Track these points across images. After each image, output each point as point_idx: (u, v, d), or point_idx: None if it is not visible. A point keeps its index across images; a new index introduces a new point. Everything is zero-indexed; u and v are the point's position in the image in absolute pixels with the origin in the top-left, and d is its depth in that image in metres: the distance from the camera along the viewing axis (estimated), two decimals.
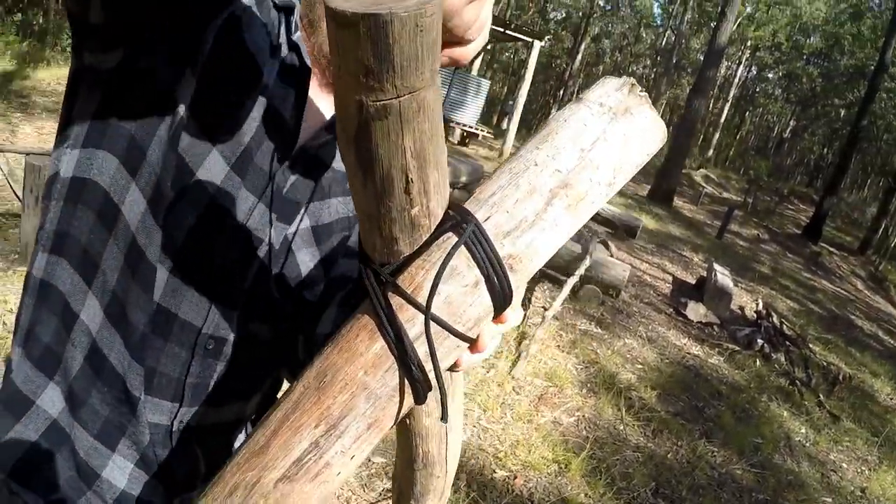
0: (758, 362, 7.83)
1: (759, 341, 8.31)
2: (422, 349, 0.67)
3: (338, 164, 1.15)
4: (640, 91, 0.75)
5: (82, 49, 0.97)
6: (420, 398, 0.70)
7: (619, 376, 6.11)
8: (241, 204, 1.01)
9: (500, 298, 0.69)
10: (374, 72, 0.53)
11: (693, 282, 10.64)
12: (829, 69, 40.87)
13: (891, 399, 8.62)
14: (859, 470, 6.11)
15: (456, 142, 19.02)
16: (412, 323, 0.66)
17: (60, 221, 1.00)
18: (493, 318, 0.72)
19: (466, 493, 3.86)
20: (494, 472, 4.18)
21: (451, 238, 0.68)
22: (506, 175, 0.71)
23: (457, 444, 0.99)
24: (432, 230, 0.68)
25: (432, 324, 0.66)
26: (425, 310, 0.66)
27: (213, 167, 0.97)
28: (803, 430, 6.51)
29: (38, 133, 7.83)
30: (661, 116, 0.76)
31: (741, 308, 9.92)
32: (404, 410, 0.70)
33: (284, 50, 1.04)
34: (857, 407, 7.68)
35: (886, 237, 23.83)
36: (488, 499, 3.90)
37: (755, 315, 9.46)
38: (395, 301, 0.67)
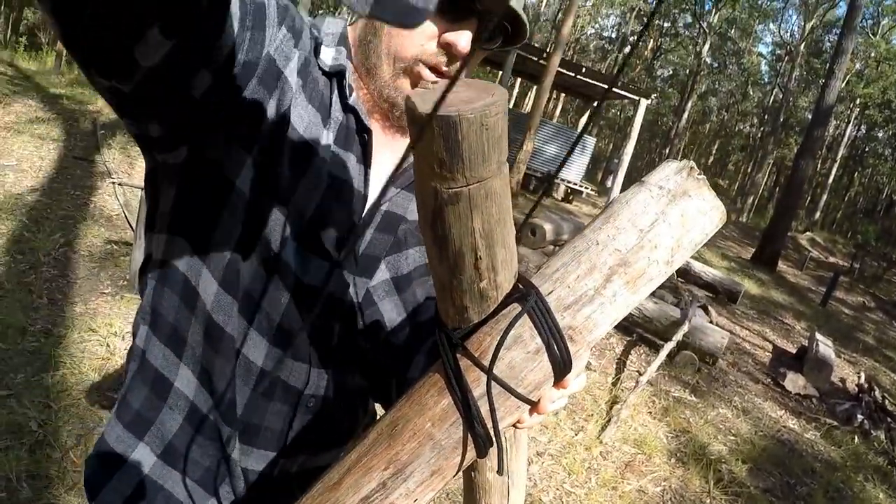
0: (856, 439, 7.61)
1: (860, 417, 8.07)
2: (485, 408, 0.74)
3: (411, 214, 1.22)
4: (699, 174, 0.82)
5: (151, 150, 1.05)
6: (481, 452, 0.76)
7: (710, 447, 6.06)
8: (315, 272, 1.08)
9: (560, 365, 0.77)
10: (446, 163, 0.63)
11: (793, 351, 10.42)
12: None
13: None
14: None
15: (560, 198, 19.08)
16: (477, 383, 0.74)
17: (154, 299, 1.13)
18: (554, 383, 0.79)
19: None
20: None
21: (516, 308, 0.76)
22: (569, 253, 0.79)
23: (518, 500, 1.04)
24: (499, 301, 0.77)
25: (494, 385, 0.74)
26: (488, 370, 0.73)
27: (281, 242, 1.05)
28: None
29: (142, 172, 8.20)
30: (767, 178, 0.82)
31: (842, 380, 9.65)
32: (466, 462, 0.77)
33: (339, 115, 1.10)
34: None
35: None
36: None
37: (856, 388, 9.18)
38: (464, 363, 0.75)
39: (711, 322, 9.06)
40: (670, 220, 0.78)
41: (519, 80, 34.63)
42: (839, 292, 17.73)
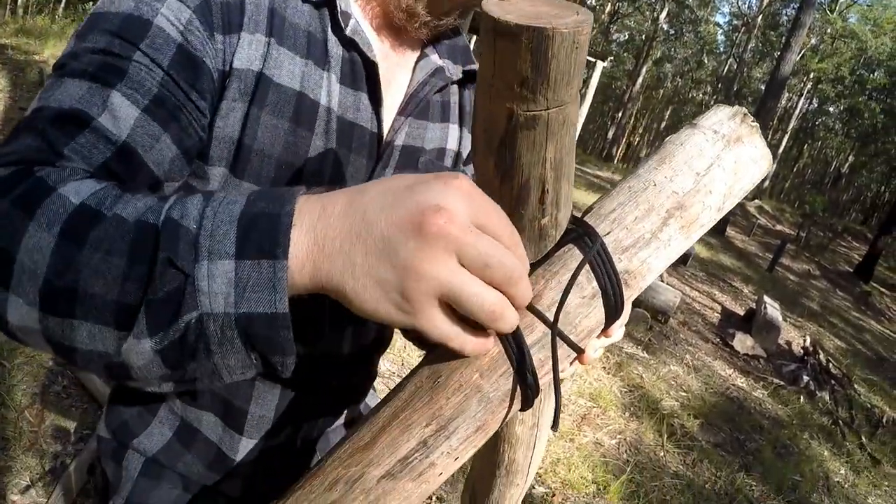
0: (801, 399, 7.77)
1: (805, 378, 8.24)
2: (536, 356, 0.68)
3: (429, 143, 1.15)
4: (752, 121, 0.79)
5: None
6: (528, 404, 0.70)
7: (662, 402, 6.14)
8: None
9: (613, 312, 0.72)
10: (529, 83, 0.56)
11: (742, 313, 10.58)
12: (892, 105, 40.19)
13: None
14: None
15: None
16: (530, 330, 0.68)
17: None
18: (602, 330, 0.74)
19: None
20: (533, 488, 4.22)
21: (572, 250, 0.71)
22: (625, 192, 0.74)
23: (541, 454, 1.00)
24: (556, 240, 0.72)
25: (549, 332, 0.68)
26: (552, 323, 0.67)
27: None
28: (843, 472, 6.45)
29: None
30: None
31: (788, 343, 9.84)
32: (511, 415, 0.71)
33: (338, 49, 0.99)
34: None
35: None
36: None
37: (802, 351, 9.38)
38: None
39: (663, 281, 9.15)
40: (724, 165, 0.76)
41: (474, 37, 34.40)
42: (786, 259, 18.04)
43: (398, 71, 1.07)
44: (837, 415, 7.73)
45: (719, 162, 0.75)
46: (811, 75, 42.36)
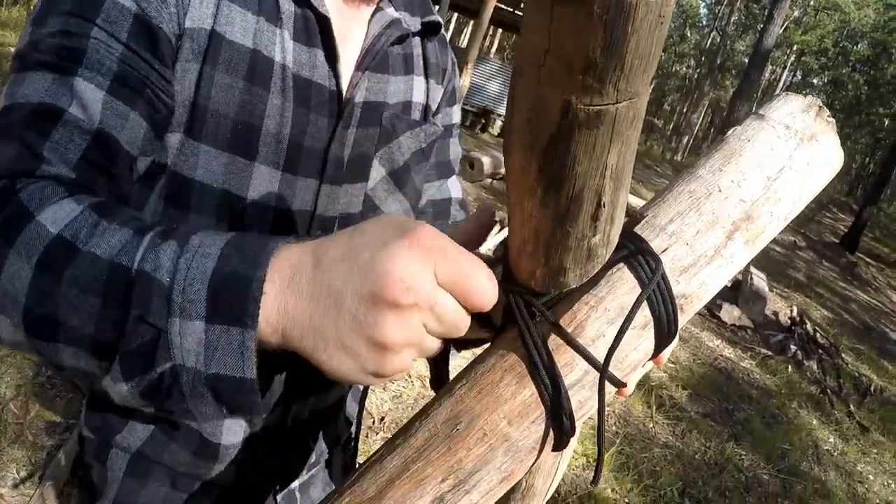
0: (790, 369, 7.77)
1: (792, 348, 8.26)
2: (575, 398, 0.60)
3: (392, 97, 1.09)
4: (828, 116, 0.70)
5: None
6: (562, 447, 0.62)
7: (650, 374, 6.10)
8: (302, 195, 0.99)
9: (664, 341, 0.63)
10: (597, 68, 0.41)
11: (728, 284, 10.57)
12: (875, 77, 40.27)
13: None
14: (886, 483, 6.05)
15: (496, 133, 18.97)
16: (570, 368, 0.60)
17: None
18: (650, 358, 0.66)
19: None
20: None
21: (622, 270, 0.61)
22: (685, 198, 0.64)
23: (560, 477, 0.91)
24: (606, 261, 0.61)
25: (591, 370, 0.59)
26: (602, 367, 0.58)
27: (259, 181, 0.95)
28: (832, 440, 6.45)
29: None
30: (703, 119, 0.70)
31: (775, 314, 9.84)
32: (539, 461, 0.63)
33: (289, 6, 0.95)
34: (887, 420, 7.58)
35: None
36: None
37: (789, 321, 9.38)
38: (553, 342, 0.60)
39: None
40: (797, 167, 0.66)
41: (455, 15, 34.17)
42: None
43: (353, 26, 1.03)
44: (825, 384, 7.74)
45: (791, 164, 0.66)
46: (794, 48, 42.42)
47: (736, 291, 9.61)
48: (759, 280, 9.59)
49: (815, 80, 48.12)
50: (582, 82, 0.42)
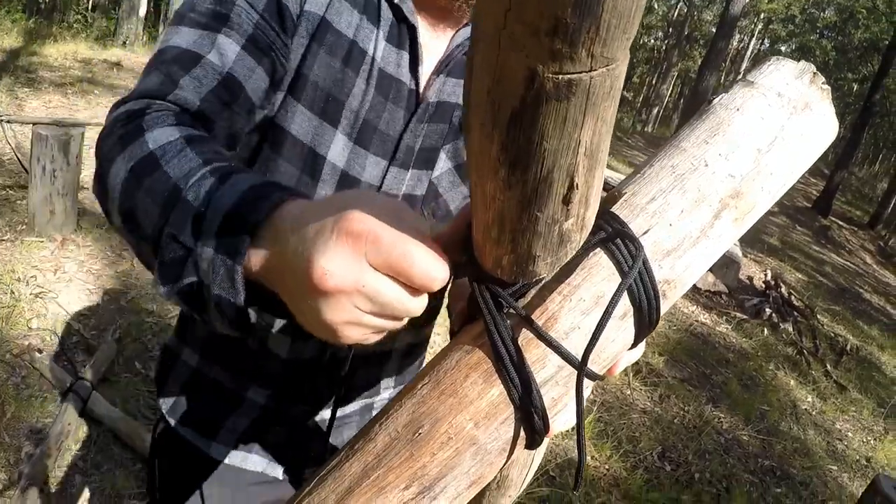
0: (765, 331, 7.78)
1: (767, 311, 8.26)
2: (548, 396, 0.55)
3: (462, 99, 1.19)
4: (823, 83, 0.63)
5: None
6: (534, 445, 0.58)
7: None
8: (371, 170, 1.14)
9: (645, 331, 0.57)
10: (567, 29, 0.34)
11: None
12: (842, 43, 40.45)
13: None
14: (865, 440, 6.08)
15: None
16: (542, 364, 0.54)
17: None
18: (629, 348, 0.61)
19: None
20: None
21: (598, 256, 0.54)
22: (668, 174, 0.57)
23: (536, 466, 0.86)
24: (580, 246, 0.55)
25: (566, 366, 0.53)
26: (579, 364, 0.52)
27: (336, 146, 1.10)
28: (810, 399, 6.47)
29: (46, 106, 7.74)
30: (672, 90, 0.63)
31: (749, 278, 9.85)
32: (510, 462, 0.58)
33: (388, 13, 1.10)
34: (864, 378, 7.64)
35: None
36: None
37: (763, 285, 9.39)
38: (523, 336, 0.54)
39: None
40: (790, 138, 0.59)
41: None
42: None
43: (438, 42, 1.16)
44: (801, 345, 7.76)
45: (784, 134, 0.59)
46: (762, 16, 42.41)
47: None
48: (732, 245, 9.56)
49: (782, 48, 48.22)
50: (549, 47, 0.35)
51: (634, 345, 0.59)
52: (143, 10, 14.06)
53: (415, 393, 0.56)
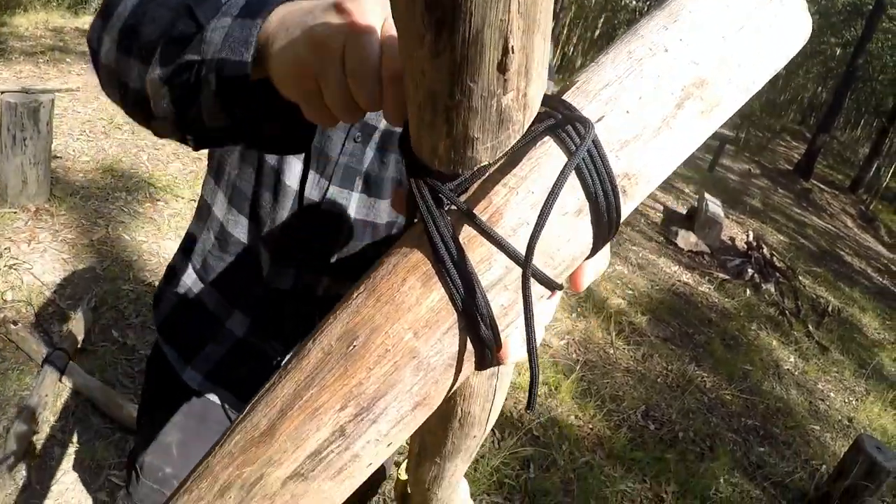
0: (747, 292, 7.79)
1: (749, 271, 8.27)
2: (496, 302, 0.49)
3: None
4: None
5: None
6: (485, 364, 0.52)
7: (609, 301, 6.06)
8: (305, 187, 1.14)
9: (605, 232, 0.50)
10: None
11: (684, 211, 10.55)
12: (826, 7, 40.40)
13: (878, 333, 8.60)
14: (847, 400, 6.12)
15: None
16: (487, 264, 0.48)
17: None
18: (589, 255, 0.53)
19: None
20: None
21: (547, 144, 0.48)
22: (624, 59, 0.51)
23: (501, 403, 0.80)
24: (525, 129, 0.49)
25: (515, 267, 0.47)
26: (524, 261, 0.46)
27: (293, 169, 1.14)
28: (792, 360, 6.50)
29: (17, 77, 7.59)
30: None
31: (731, 239, 9.86)
32: (460, 381, 0.53)
33: None
34: (845, 339, 7.67)
35: (878, 177, 23.76)
36: None
37: (745, 246, 9.40)
38: (465, 234, 0.48)
39: None
40: (758, 28, 0.53)
41: None
42: (726, 160, 18.08)
43: None
44: (783, 305, 7.78)
45: (750, 24, 0.53)
46: None
47: (691, 219, 9.61)
48: (715, 206, 9.58)
49: None
50: None
51: (595, 249, 0.52)
52: None
53: (350, 303, 0.50)
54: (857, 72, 22.87)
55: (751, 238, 9.78)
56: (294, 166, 1.14)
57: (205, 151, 1.17)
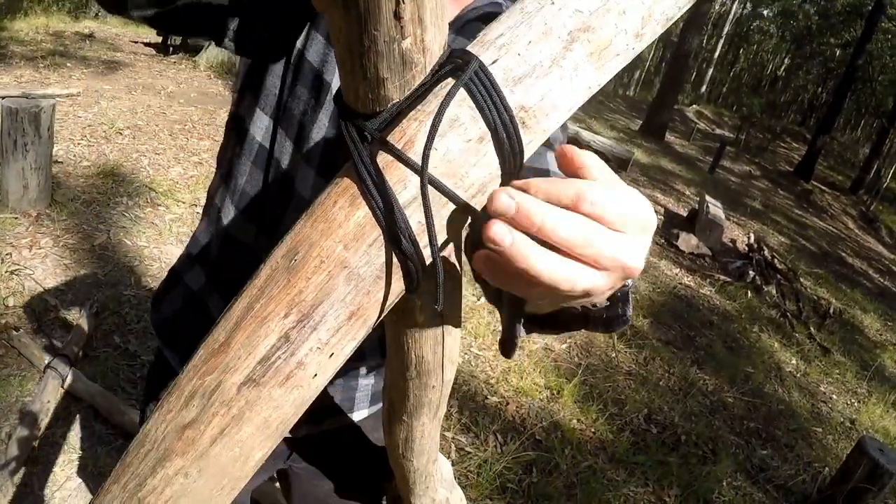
0: (749, 294, 7.80)
1: (751, 273, 8.28)
2: (415, 219, 0.55)
3: None
4: None
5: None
6: (412, 282, 0.58)
7: None
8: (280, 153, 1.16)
9: (510, 157, 0.57)
10: None
11: (685, 214, 10.56)
12: (825, 7, 40.38)
13: (880, 335, 8.62)
14: (849, 402, 6.12)
15: None
16: (403, 185, 0.55)
17: (222, 142, 1.31)
18: (503, 181, 0.58)
19: (458, 419, 3.82)
20: (486, 398, 4.16)
21: (451, 85, 0.56)
22: (516, 14, 0.59)
23: (454, 350, 0.86)
24: (428, 71, 0.57)
25: (429, 187, 0.55)
26: (420, 168, 0.53)
27: (259, 124, 1.17)
28: (794, 362, 6.50)
29: (17, 82, 7.62)
30: (653, 51, 0.63)
31: (732, 241, 9.86)
32: (392, 299, 0.59)
33: None
34: (847, 341, 7.68)
35: (878, 178, 23.79)
36: (480, 425, 3.87)
37: (747, 248, 9.41)
38: (383, 160, 0.56)
39: None
40: None
41: None
42: (726, 162, 18.10)
43: None
44: (785, 307, 7.79)
45: None
46: None
47: (692, 221, 9.61)
48: (715, 208, 9.59)
49: (765, 11, 48.10)
50: None
51: (505, 179, 0.58)
52: None
53: (294, 227, 0.58)
54: (856, 72, 22.89)
55: (752, 240, 9.79)
56: (308, 175, 1.13)
57: (205, 154, 1.20)
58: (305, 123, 1.12)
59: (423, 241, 0.56)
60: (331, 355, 0.56)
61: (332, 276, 0.54)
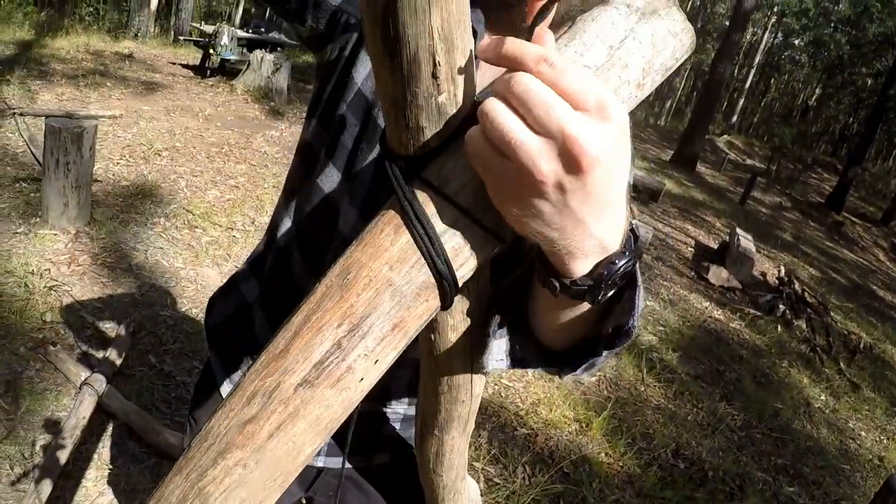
0: (779, 328, 7.75)
1: (781, 307, 8.22)
2: (449, 244, 0.65)
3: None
4: None
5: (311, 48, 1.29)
6: (446, 299, 0.67)
7: (640, 338, 6.05)
8: (346, 214, 1.19)
9: None
10: None
11: (715, 246, 10.52)
12: (856, 37, 40.16)
13: None
14: (878, 439, 6.06)
15: None
16: (439, 216, 0.65)
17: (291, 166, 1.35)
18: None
19: (487, 450, 3.83)
20: (516, 429, 4.16)
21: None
22: None
23: (481, 379, 0.97)
24: (460, 121, 0.66)
25: (461, 217, 0.65)
26: (455, 201, 0.65)
27: (329, 178, 1.19)
28: (823, 397, 6.44)
29: (59, 99, 7.78)
30: (685, 82, 0.70)
31: (763, 274, 9.81)
32: (429, 314, 0.68)
33: None
34: (877, 377, 7.60)
35: None
36: (509, 456, 3.87)
37: (777, 281, 9.35)
38: (423, 195, 0.66)
39: (635, 218, 9.03)
40: (640, 38, 0.71)
41: None
42: (757, 193, 18.02)
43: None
44: (815, 342, 7.72)
45: (634, 35, 0.71)
46: (775, 9, 42.19)
47: (723, 254, 9.57)
48: (746, 241, 9.54)
49: (796, 41, 47.93)
50: None
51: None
52: (154, 2, 14.11)
53: (346, 252, 0.67)
54: (888, 102, 22.70)
55: (782, 273, 9.72)
56: (350, 214, 1.17)
57: (242, 178, 1.23)
58: (356, 159, 1.16)
59: (456, 263, 0.66)
60: (376, 361, 0.64)
61: (379, 292, 0.63)
